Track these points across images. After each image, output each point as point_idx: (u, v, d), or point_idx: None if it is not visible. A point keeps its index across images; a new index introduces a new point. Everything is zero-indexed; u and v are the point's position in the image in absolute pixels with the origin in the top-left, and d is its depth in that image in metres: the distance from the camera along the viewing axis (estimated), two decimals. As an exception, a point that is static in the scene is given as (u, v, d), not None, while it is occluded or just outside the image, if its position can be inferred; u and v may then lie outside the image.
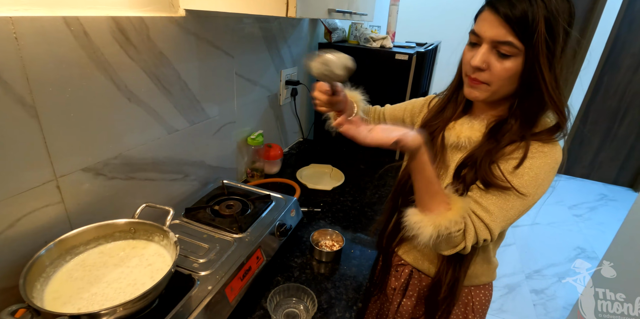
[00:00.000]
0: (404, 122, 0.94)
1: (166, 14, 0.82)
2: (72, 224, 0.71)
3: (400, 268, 0.92)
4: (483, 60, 0.62)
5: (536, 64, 0.59)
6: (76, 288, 0.60)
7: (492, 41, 0.60)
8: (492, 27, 0.59)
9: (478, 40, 0.63)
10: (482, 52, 0.62)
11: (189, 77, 0.93)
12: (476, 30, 0.63)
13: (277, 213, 0.96)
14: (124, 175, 0.81)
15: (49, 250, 0.62)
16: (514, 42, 0.58)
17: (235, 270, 0.76)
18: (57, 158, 0.65)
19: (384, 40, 1.52)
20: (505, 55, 0.60)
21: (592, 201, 3.23)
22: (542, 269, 2.34)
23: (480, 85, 0.65)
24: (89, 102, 0.69)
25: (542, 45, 0.57)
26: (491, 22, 0.59)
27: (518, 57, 0.60)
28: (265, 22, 1.20)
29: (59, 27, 0.61)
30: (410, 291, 0.90)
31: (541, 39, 0.56)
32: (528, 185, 0.64)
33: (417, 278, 0.89)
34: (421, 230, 0.63)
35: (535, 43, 0.57)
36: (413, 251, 0.88)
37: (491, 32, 0.60)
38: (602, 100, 3.26)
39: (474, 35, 0.64)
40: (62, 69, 0.63)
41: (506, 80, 0.62)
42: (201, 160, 1.07)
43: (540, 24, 0.56)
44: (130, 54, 0.75)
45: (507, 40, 0.58)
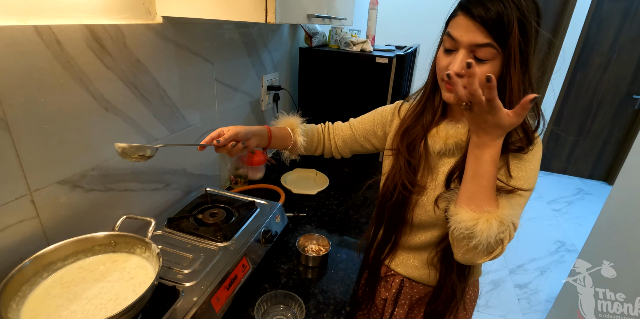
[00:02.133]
0: (375, 133, 0.89)
1: (143, 21, 0.81)
2: (49, 239, 0.69)
3: (390, 278, 0.90)
4: (463, 66, 0.59)
5: (512, 66, 0.58)
6: (55, 306, 0.58)
7: (470, 45, 0.59)
8: (469, 31, 0.58)
9: (454, 45, 0.62)
10: (461, 57, 0.60)
11: (168, 85, 0.91)
12: (453, 34, 0.61)
13: (262, 219, 0.96)
14: (103, 187, 0.79)
15: (24, 267, 0.59)
16: (493, 44, 0.57)
17: (221, 280, 0.75)
18: (30, 171, 0.63)
19: (364, 44, 1.53)
20: (483, 60, 0.59)
21: (570, 196, 3.34)
22: (524, 264, 2.40)
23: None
24: (64, 112, 0.67)
25: (516, 48, 0.57)
26: (467, 27, 0.58)
27: (495, 60, 0.59)
28: (245, 28, 1.20)
29: (29, 36, 0.59)
30: (402, 300, 0.88)
31: (515, 41, 0.56)
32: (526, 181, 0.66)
33: (409, 287, 0.87)
34: (480, 228, 0.58)
35: (510, 45, 0.57)
36: (401, 258, 0.87)
37: (468, 37, 0.59)
38: (576, 98, 3.39)
39: (450, 40, 0.62)
40: (34, 80, 0.61)
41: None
42: (183, 168, 1.05)
43: (514, 25, 0.56)
44: (107, 63, 0.73)
45: (486, 42, 0.57)
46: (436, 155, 0.75)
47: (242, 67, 1.25)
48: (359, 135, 0.92)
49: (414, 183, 0.75)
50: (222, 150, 0.74)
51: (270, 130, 0.85)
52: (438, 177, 0.74)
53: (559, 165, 3.71)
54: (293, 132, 0.89)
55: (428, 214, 0.75)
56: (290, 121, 0.92)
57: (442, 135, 0.71)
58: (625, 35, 3.07)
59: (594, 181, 3.64)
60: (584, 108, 3.40)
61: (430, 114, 0.74)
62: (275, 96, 1.49)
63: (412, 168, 0.75)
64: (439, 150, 0.72)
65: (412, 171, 0.75)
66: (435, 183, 0.74)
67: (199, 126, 1.08)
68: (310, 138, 0.93)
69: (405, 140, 0.76)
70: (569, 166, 3.69)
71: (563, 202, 3.23)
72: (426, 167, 0.75)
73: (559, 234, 2.76)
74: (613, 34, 3.10)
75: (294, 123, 0.91)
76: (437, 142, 0.72)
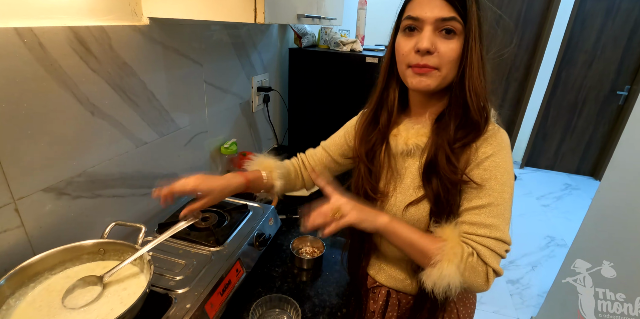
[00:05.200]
0: (349, 146, 0.84)
1: (129, 23, 0.79)
2: (35, 249, 0.67)
3: (377, 290, 0.86)
4: (431, 42, 0.59)
5: (472, 40, 0.59)
6: (42, 318, 0.56)
7: (437, 20, 0.58)
8: (434, 7, 0.58)
9: (417, 24, 0.60)
10: (428, 34, 0.59)
11: (156, 87, 0.90)
12: (415, 14, 0.60)
13: (255, 222, 0.95)
14: (90, 193, 0.77)
15: (10, 278, 0.57)
16: (457, 18, 0.58)
17: (215, 285, 0.73)
18: (14, 179, 0.61)
19: (354, 43, 1.53)
20: (450, 33, 0.59)
21: (558, 191, 3.40)
22: (515, 259, 2.43)
23: (431, 71, 0.61)
24: (48, 117, 0.65)
25: (475, 22, 0.58)
26: (430, 3, 0.58)
27: (459, 36, 0.59)
28: (233, 29, 1.18)
29: (10, 39, 0.57)
30: (390, 312, 0.84)
31: (474, 15, 0.58)
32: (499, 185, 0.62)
33: (395, 298, 0.83)
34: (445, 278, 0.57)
35: (470, 19, 0.58)
36: (384, 269, 0.83)
37: (433, 12, 0.58)
38: (562, 95, 3.45)
39: (411, 21, 0.61)
40: (15, 84, 0.59)
41: (453, 62, 0.61)
42: (173, 172, 1.03)
43: (472, 1, 0.58)
44: (92, 66, 0.71)
45: (451, 15, 0.58)
46: (400, 157, 0.72)
47: (231, 69, 1.24)
48: (335, 154, 0.87)
49: (376, 191, 0.73)
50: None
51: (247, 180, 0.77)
52: (404, 181, 0.71)
53: (547, 161, 3.77)
54: (269, 176, 0.81)
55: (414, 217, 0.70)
56: (265, 163, 0.84)
57: (403, 136, 0.69)
58: (609, 32, 3.13)
59: (581, 176, 3.72)
60: (569, 105, 3.47)
61: (385, 114, 0.72)
62: (266, 97, 1.48)
63: (374, 176, 0.73)
64: (401, 152, 0.70)
65: (374, 178, 0.73)
66: (402, 187, 0.71)
67: (188, 129, 1.06)
68: (287, 178, 0.85)
69: (363, 146, 0.74)
70: (556, 162, 3.75)
71: (552, 197, 3.28)
72: (389, 171, 0.72)
73: (549, 229, 2.80)
74: (596, 31, 3.16)
75: (270, 165, 0.83)
76: (399, 143, 0.70)
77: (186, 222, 0.75)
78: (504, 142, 0.64)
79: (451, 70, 0.62)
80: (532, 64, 3.37)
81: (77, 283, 0.61)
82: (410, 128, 0.69)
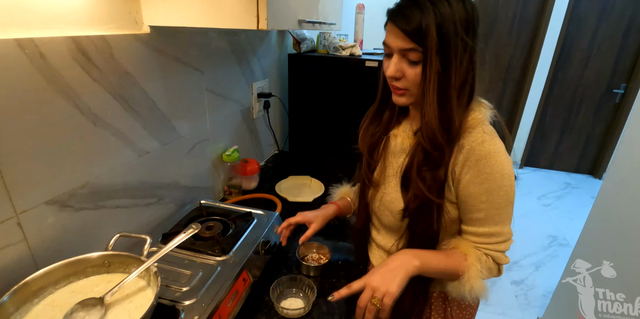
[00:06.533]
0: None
1: (130, 32, 0.78)
2: (38, 263, 0.65)
3: None
4: (397, 69, 0.65)
5: (428, 66, 0.62)
6: (48, 334, 0.55)
7: (400, 50, 0.64)
8: (397, 38, 0.63)
9: (389, 50, 0.67)
10: (395, 61, 0.65)
11: (157, 96, 0.89)
12: (386, 42, 0.66)
13: (260, 230, 0.94)
14: (93, 205, 0.76)
15: (13, 294, 0.56)
16: (417, 48, 0.62)
17: (222, 295, 0.72)
18: (16, 192, 0.60)
19: (353, 48, 1.53)
20: (414, 62, 0.64)
21: (558, 190, 3.41)
22: (519, 260, 2.43)
23: (404, 92, 0.68)
24: (50, 128, 0.64)
25: (433, 50, 0.60)
26: (395, 34, 0.63)
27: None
28: (232, 36, 1.18)
29: (11, 50, 0.56)
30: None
31: (433, 44, 0.60)
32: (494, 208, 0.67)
33: None
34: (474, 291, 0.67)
35: (428, 47, 0.60)
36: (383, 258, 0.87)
37: (396, 43, 0.64)
38: (559, 94, 3.47)
39: (385, 46, 0.67)
40: (17, 95, 0.58)
41: (421, 84, 0.65)
42: (175, 181, 1.02)
43: (431, 29, 0.59)
44: (93, 75, 0.70)
45: (410, 47, 0.62)
46: (392, 154, 0.79)
47: (231, 75, 1.23)
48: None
49: (371, 181, 0.82)
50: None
51: (339, 206, 0.96)
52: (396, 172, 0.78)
53: (546, 160, 3.78)
54: (353, 200, 0.97)
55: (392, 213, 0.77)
56: (343, 191, 1.01)
57: (401, 136, 0.76)
58: (603, 31, 3.16)
59: (580, 174, 3.73)
60: (566, 104, 3.48)
61: (388, 112, 0.79)
62: (266, 103, 1.48)
63: (372, 168, 0.82)
64: (398, 150, 0.77)
65: (371, 170, 0.82)
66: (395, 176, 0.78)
67: (190, 137, 1.05)
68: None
69: (367, 141, 0.81)
70: (555, 161, 3.76)
71: (552, 197, 3.29)
72: (383, 165, 0.80)
73: (551, 228, 2.80)
74: (591, 31, 3.19)
75: (347, 191, 1.00)
76: (397, 143, 0.77)
77: (190, 232, 0.74)
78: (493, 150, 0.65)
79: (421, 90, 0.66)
80: (528, 64, 3.39)
81: (76, 307, 0.58)
82: (408, 129, 0.76)
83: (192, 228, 0.75)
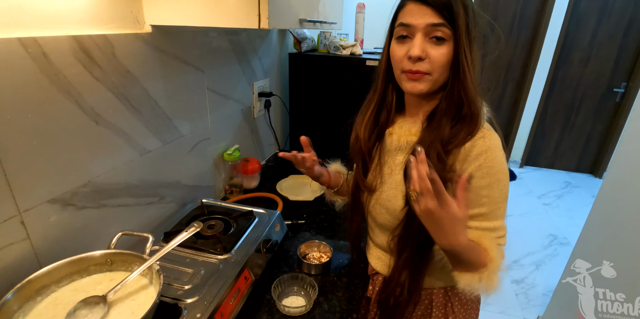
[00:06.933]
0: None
1: (131, 31, 0.78)
2: (41, 261, 0.66)
3: (375, 277, 0.91)
4: (422, 48, 0.62)
5: (463, 44, 0.61)
6: (51, 332, 0.55)
7: (427, 26, 0.61)
8: (424, 15, 0.61)
9: (409, 31, 0.64)
10: (419, 42, 0.62)
11: (159, 95, 0.89)
12: (407, 21, 0.63)
13: (261, 229, 0.94)
14: (96, 203, 0.76)
15: (17, 292, 0.56)
16: (446, 24, 0.61)
17: (224, 294, 0.72)
18: (19, 191, 0.60)
19: (354, 47, 1.53)
20: (440, 40, 0.62)
21: (558, 190, 3.41)
22: (519, 259, 2.43)
23: (423, 76, 0.65)
24: (53, 127, 0.64)
25: (464, 27, 0.61)
26: (420, 11, 0.62)
27: (450, 41, 0.62)
28: (233, 35, 1.18)
29: (14, 49, 0.56)
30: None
31: (463, 21, 0.60)
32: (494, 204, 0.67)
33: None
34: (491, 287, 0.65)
35: (459, 25, 0.60)
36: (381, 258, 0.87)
37: (424, 19, 0.61)
38: (559, 93, 3.46)
39: (403, 28, 0.64)
40: (20, 95, 0.58)
41: (444, 66, 0.64)
42: (177, 180, 1.02)
43: (460, 7, 0.60)
44: (95, 75, 0.71)
45: (440, 22, 0.61)
46: (394, 154, 0.77)
47: (232, 75, 1.23)
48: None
49: (364, 184, 0.80)
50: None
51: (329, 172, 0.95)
52: (396, 177, 0.76)
53: (546, 159, 3.78)
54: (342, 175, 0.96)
55: (388, 210, 0.76)
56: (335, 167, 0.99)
57: (397, 133, 0.75)
58: (603, 31, 3.16)
59: (581, 174, 3.72)
60: (567, 103, 3.48)
61: (385, 114, 0.77)
62: (267, 103, 1.48)
63: (365, 170, 0.80)
64: (395, 148, 0.76)
65: (364, 172, 0.80)
66: (391, 177, 0.76)
67: (191, 136, 1.06)
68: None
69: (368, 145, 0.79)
70: (556, 160, 3.76)
71: (552, 196, 3.29)
72: (378, 166, 0.78)
73: (551, 227, 2.80)
74: (591, 30, 3.18)
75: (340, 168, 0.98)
76: (393, 140, 0.75)
77: (191, 230, 0.74)
78: (493, 144, 0.66)
79: (442, 74, 0.65)
80: (528, 64, 3.39)
81: (79, 305, 0.58)
82: (404, 126, 0.75)
83: (194, 227, 0.75)
